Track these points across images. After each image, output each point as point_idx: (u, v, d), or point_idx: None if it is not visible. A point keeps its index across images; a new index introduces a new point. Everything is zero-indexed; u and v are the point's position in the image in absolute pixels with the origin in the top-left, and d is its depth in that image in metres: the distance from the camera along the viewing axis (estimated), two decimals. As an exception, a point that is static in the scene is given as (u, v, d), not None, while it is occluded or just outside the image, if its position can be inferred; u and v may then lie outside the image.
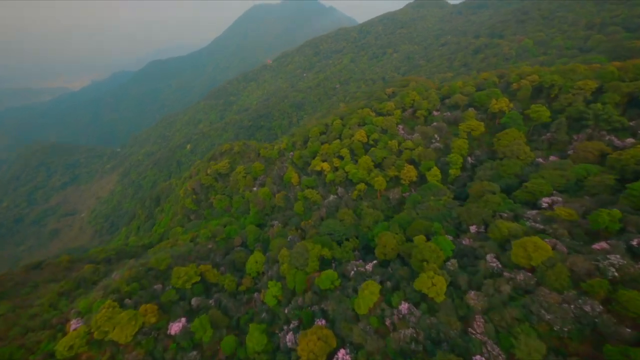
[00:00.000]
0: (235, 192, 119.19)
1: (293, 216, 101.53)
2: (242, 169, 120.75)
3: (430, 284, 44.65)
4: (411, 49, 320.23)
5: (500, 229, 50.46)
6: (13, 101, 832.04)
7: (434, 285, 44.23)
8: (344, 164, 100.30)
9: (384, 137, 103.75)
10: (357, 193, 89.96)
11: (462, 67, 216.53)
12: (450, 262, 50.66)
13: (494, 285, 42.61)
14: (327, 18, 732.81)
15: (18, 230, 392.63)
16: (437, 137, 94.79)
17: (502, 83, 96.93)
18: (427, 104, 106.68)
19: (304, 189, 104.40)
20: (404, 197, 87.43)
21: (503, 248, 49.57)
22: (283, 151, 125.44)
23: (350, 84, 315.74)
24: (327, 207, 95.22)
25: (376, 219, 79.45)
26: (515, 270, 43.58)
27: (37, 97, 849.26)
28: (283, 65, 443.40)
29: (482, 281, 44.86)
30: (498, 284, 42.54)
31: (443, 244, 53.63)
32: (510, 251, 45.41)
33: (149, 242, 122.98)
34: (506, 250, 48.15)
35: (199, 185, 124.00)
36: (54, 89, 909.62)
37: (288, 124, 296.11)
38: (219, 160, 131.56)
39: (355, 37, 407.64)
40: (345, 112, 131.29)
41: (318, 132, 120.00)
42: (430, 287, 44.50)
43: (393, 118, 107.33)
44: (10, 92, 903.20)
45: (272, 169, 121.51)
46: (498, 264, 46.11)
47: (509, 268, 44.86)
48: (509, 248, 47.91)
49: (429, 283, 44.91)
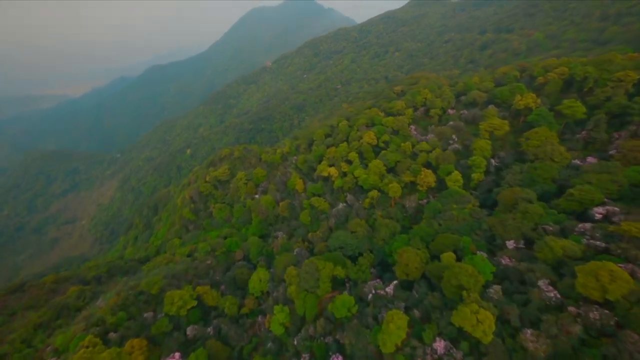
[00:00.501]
0: (236, 201, 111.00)
1: (299, 226, 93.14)
2: (243, 176, 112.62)
3: (475, 321, 36.04)
4: (414, 47, 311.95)
5: (552, 247, 41.83)
6: (14, 109, 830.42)
7: (480, 322, 35.61)
8: (352, 169, 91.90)
9: (396, 139, 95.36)
10: (370, 201, 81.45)
11: (469, 64, 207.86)
12: (493, 289, 42.03)
13: (557, 323, 33.93)
14: (326, 19, 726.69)
15: (19, 239, 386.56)
16: (455, 138, 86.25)
17: (525, 77, 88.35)
18: (441, 102, 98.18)
19: (309, 197, 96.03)
20: (422, 205, 78.85)
21: (558, 272, 40.89)
22: (286, 155, 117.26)
23: (352, 84, 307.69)
24: (336, 217, 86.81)
25: (393, 231, 70.88)
26: (582, 303, 34.91)
27: (38, 105, 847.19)
28: (283, 67, 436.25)
29: (539, 316, 36.19)
30: (562, 321, 33.86)
31: (481, 266, 45.04)
32: (572, 279, 36.79)
33: (145, 256, 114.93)
34: (563, 276, 39.48)
35: (198, 194, 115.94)
36: (54, 96, 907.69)
37: (289, 126, 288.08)
38: (218, 167, 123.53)
39: (355, 36, 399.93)
40: (351, 113, 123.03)
41: (323, 135, 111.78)
42: (475, 325, 35.87)
43: (404, 118, 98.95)
44: (11, 99, 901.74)
45: (274, 175, 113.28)
46: (556, 293, 37.46)
47: (572, 300, 36.18)
48: (566, 273, 39.25)
49: (472, 319, 36.32)
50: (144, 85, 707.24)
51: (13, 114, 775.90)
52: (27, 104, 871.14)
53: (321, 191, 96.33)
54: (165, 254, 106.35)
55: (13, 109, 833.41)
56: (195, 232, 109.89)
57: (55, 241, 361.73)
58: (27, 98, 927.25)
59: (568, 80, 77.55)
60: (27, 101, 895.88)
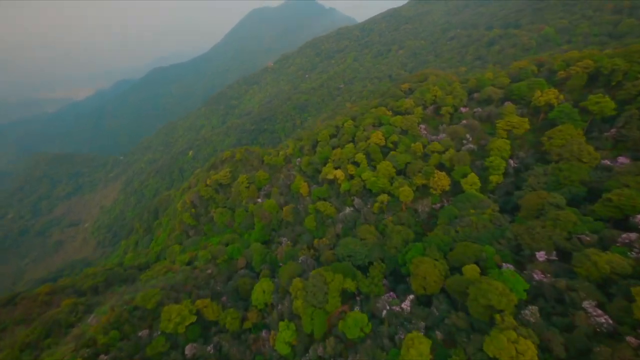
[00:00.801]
0: (238, 205, 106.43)
1: (304, 232, 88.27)
2: (245, 179, 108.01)
3: (514, 352, 30.87)
4: (417, 45, 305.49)
5: (595, 262, 36.50)
6: (19, 113, 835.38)
7: (521, 354, 30.42)
8: (360, 171, 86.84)
9: (405, 139, 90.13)
10: (379, 206, 76.31)
11: (476, 61, 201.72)
12: (528, 310, 36.78)
13: (614, 357, 28.64)
14: (328, 19, 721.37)
15: (23, 242, 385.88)
16: (470, 137, 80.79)
17: (543, 72, 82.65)
18: (453, 99, 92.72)
19: (314, 201, 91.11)
20: (435, 209, 73.59)
21: (605, 291, 35.54)
22: (289, 157, 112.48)
23: (354, 83, 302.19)
24: (343, 222, 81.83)
25: (405, 238, 65.71)
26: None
27: (42, 108, 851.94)
28: (284, 67, 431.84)
29: (589, 345, 30.91)
30: (621, 354, 28.57)
31: (512, 282, 39.80)
32: (624, 300, 31.47)
33: (145, 262, 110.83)
34: (613, 296, 34.15)
35: (198, 198, 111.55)
36: (58, 100, 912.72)
37: (292, 127, 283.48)
38: (219, 170, 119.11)
39: (357, 35, 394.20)
40: (356, 112, 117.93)
41: (328, 135, 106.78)
42: (514, 357, 30.70)
43: (414, 117, 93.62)
44: (15, 103, 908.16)
45: (277, 178, 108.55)
46: (607, 318, 32.14)
47: (628, 326, 30.86)
48: (616, 293, 33.91)
49: (510, 349, 31.16)
50: (145, 88, 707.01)
51: (18, 117, 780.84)
52: (31, 107, 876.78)
53: (327, 195, 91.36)
54: (165, 261, 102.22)
55: (17, 112, 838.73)
56: (196, 237, 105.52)
57: (59, 244, 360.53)
58: (31, 101, 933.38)
59: (592, 74, 71.81)
60: (31, 105, 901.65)
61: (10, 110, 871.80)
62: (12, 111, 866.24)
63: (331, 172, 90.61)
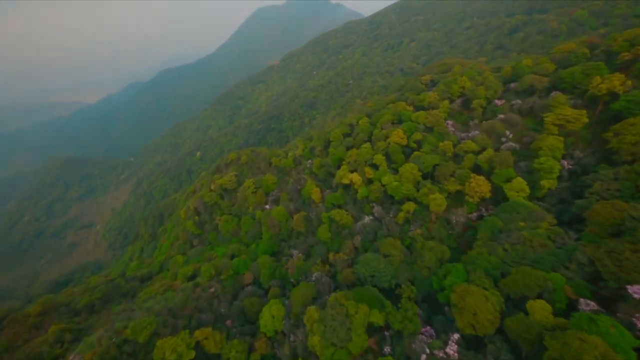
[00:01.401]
0: (244, 212, 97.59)
1: (317, 243, 78.52)
2: (252, 183, 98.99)
3: None
4: (430, 37, 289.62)
5: None
6: (35, 117, 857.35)
7: None
8: (379, 175, 76.24)
9: (430, 138, 78.87)
10: (404, 216, 65.62)
11: (497, 50, 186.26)
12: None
13: None
14: (334, 15, 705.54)
15: (39, 244, 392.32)
16: (510, 134, 68.87)
17: (598, 55, 69.55)
18: (485, 91, 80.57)
19: (328, 208, 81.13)
20: (471, 219, 62.43)
21: None
22: (299, 159, 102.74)
23: (364, 78, 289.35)
24: (362, 234, 71.60)
25: (440, 257, 55.04)
26: None
27: (56, 112, 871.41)
28: (291, 65, 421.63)
29: None
30: None
31: (613, 336, 28.74)
32: None
33: (147, 273, 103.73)
34: None
35: (202, 204, 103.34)
36: (71, 104, 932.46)
37: (300, 125, 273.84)
38: (224, 173, 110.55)
39: (365, 29, 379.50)
40: (371, 109, 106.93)
41: (341, 134, 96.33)
42: None
43: (439, 112, 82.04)
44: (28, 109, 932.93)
45: (287, 182, 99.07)
46: None
47: None
48: None
49: None
50: (153, 90, 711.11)
51: (34, 121, 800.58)
52: (45, 112, 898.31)
53: (342, 202, 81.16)
54: (167, 272, 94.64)
55: (34, 117, 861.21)
56: (200, 247, 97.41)
57: (73, 246, 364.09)
58: (44, 106, 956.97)
59: (667, 55, 58.64)
60: (45, 109, 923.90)
61: (27, 115, 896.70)
62: (29, 116, 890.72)
63: (346, 176, 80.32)
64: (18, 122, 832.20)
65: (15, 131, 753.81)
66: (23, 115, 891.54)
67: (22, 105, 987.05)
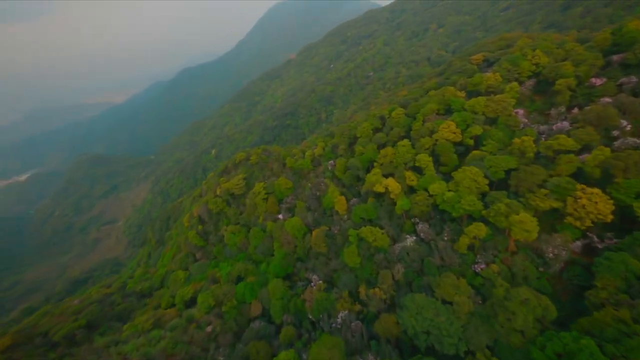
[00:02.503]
0: (254, 222, 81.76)
1: (341, 268, 60.92)
2: (262, 188, 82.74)
3: None
4: (461, 21, 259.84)
5: None
6: (70, 117, 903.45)
7: None
8: (425, 182, 57.03)
9: (495, 132, 58.27)
10: (469, 242, 46.07)
11: (548, 29, 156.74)
12: None
13: None
14: (352, 7, 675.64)
15: (68, 239, 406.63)
16: (627, 125, 46.91)
17: None
18: (574, 67, 58.28)
19: (357, 225, 62.96)
20: (576, 252, 41.82)
21: None
22: (319, 159, 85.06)
23: (386, 69, 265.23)
24: (403, 261, 52.92)
25: (538, 315, 35.34)
26: None
27: (88, 112, 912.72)
28: (308, 59, 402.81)
29: None
30: None
31: None
32: None
33: (148, 287, 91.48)
34: None
35: (206, 212, 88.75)
36: (101, 104, 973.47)
37: (316, 121, 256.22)
38: (232, 175, 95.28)
39: (387, 17, 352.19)
40: (406, 98, 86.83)
41: (370, 129, 77.32)
42: None
43: (505, 97, 60.90)
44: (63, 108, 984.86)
45: (303, 187, 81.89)
46: None
47: None
48: None
49: None
50: (175, 89, 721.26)
51: (67, 122, 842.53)
52: (78, 112, 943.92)
53: (374, 215, 62.67)
54: (167, 290, 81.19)
55: (68, 117, 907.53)
56: (203, 263, 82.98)
57: (96, 241, 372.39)
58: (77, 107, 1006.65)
59: None
60: (78, 110, 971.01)
61: (63, 115, 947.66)
62: (65, 116, 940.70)
63: (380, 182, 61.62)
64: (55, 122, 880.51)
65: (51, 131, 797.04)
66: (60, 116, 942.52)
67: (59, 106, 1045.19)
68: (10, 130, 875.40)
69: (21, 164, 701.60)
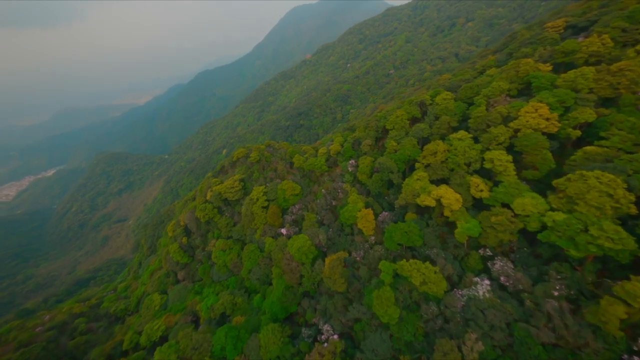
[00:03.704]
0: (249, 236, 62.48)
1: (368, 318, 40.07)
2: (262, 193, 63.44)
3: None
4: (493, 14, 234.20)
5: None
6: (95, 117, 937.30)
7: None
8: (505, 193, 35.61)
9: (621, 117, 36.09)
10: (620, 312, 24.07)
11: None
12: None
13: None
14: (370, 7, 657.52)
15: (82, 235, 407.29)
16: None
17: None
18: None
19: (391, 252, 42.08)
20: None
21: None
22: (335, 159, 64.86)
23: (408, 67, 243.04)
24: (477, 325, 31.40)
25: None
26: None
27: (111, 113, 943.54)
28: (323, 58, 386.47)
29: None
30: None
31: None
32: None
33: (123, 309, 74.42)
34: None
35: (194, 220, 70.41)
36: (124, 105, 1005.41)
37: (331, 121, 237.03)
38: (228, 175, 76.81)
39: (409, 14, 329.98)
40: (452, 81, 65.35)
41: (406, 119, 56.42)
42: None
43: (633, 64, 38.48)
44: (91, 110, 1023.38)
45: (315, 193, 61.95)
46: None
47: None
48: None
49: None
50: (191, 91, 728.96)
51: (91, 121, 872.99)
52: (103, 113, 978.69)
53: (419, 241, 41.42)
54: (139, 317, 63.13)
55: (92, 117, 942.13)
56: (184, 287, 64.42)
57: (107, 239, 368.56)
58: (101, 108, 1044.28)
59: None
60: (102, 111, 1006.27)
61: (86, 116, 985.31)
62: (90, 116, 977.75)
63: (427, 191, 40.70)
64: (80, 122, 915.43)
65: (75, 130, 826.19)
66: (85, 116, 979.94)
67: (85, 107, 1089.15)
68: (39, 129, 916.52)
69: (47, 160, 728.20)
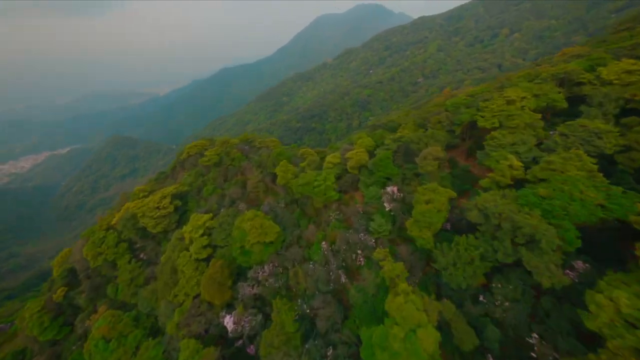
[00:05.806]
0: (164, 316, 28.73)
1: None
2: (202, 229, 30.61)
3: None
4: (543, 26, 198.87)
5: None
6: (117, 103, 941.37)
7: None
8: None
9: None
10: None
11: None
12: None
13: None
14: (400, 20, 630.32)
15: (77, 217, 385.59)
16: None
17: None
18: None
19: None
20: None
21: None
22: (355, 176, 31.29)
23: (439, 76, 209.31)
24: None
25: None
26: None
27: (134, 100, 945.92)
28: (345, 63, 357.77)
29: None
30: None
31: None
32: None
33: None
34: None
35: (83, 263, 37.51)
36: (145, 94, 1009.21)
37: (346, 127, 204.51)
38: (164, 186, 43.71)
39: (442, 23, 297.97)
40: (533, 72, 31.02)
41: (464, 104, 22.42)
42: None
43: None
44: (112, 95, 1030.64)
45: (305, 241, 28.20)
46: None
47: None
48: None
49: None
50: (210, 86, 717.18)
51: (113, 107, 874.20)
52: (125, 99, 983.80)
53: None
54: None
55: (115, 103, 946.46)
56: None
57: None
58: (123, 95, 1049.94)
59: None
60: (123, 97, 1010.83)
61: (108, 101, 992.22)
62: (110, 101, 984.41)
63: None
64: (103, 106, 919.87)
65: (97, 112, 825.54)
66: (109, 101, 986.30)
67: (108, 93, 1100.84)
68: (63, 109, 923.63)
69: (65, 138, 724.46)
